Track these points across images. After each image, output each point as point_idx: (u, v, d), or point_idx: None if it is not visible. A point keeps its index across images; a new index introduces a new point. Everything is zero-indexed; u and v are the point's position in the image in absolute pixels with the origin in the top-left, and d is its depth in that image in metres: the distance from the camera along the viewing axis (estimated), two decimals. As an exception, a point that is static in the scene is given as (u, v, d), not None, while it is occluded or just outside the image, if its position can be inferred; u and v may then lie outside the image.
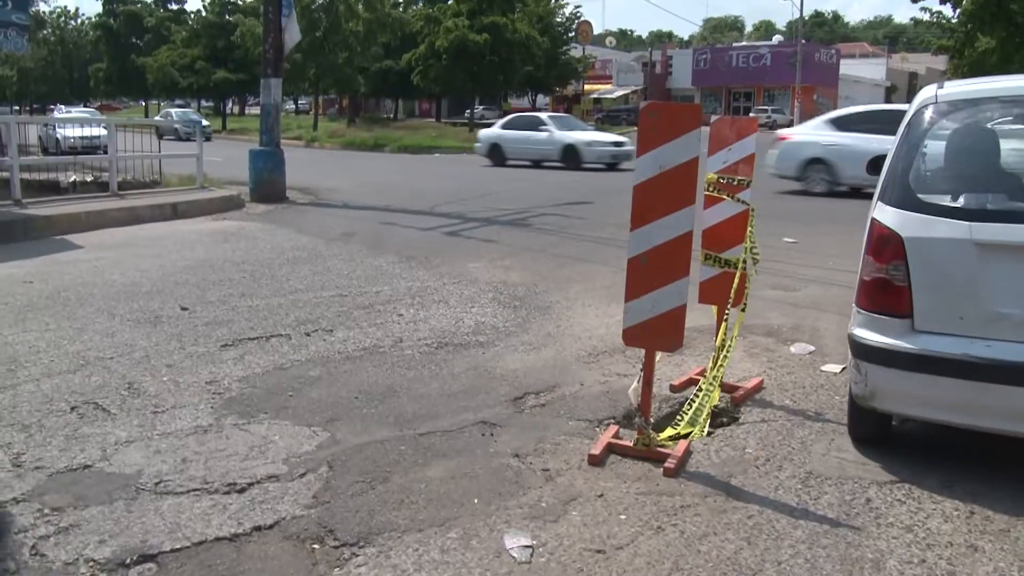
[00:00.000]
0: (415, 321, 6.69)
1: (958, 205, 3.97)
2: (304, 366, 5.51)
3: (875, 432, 4.35)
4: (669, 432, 4.27)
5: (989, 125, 4.37)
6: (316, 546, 3.32)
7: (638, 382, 4.23)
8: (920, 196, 4.01)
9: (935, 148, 4.26)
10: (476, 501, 3.70)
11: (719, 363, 4.51)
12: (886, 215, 4.00)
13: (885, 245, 3.95)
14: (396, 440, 4.36)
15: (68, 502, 3.60)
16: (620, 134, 29.99)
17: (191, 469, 3.95)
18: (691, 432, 4.19)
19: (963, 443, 4.36)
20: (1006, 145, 4.26)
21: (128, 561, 3.17)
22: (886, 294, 3.96)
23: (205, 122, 39.38)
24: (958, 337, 3.80)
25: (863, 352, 4.01)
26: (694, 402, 4.40)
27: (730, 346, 4.61)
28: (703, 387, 4.41)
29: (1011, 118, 4.60)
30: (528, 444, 4.33)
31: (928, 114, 4.22)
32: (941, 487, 3.88)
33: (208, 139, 26.83)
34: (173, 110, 54.44)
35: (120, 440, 4.25)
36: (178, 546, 3.28)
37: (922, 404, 3.96)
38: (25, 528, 3.38)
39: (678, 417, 4.42)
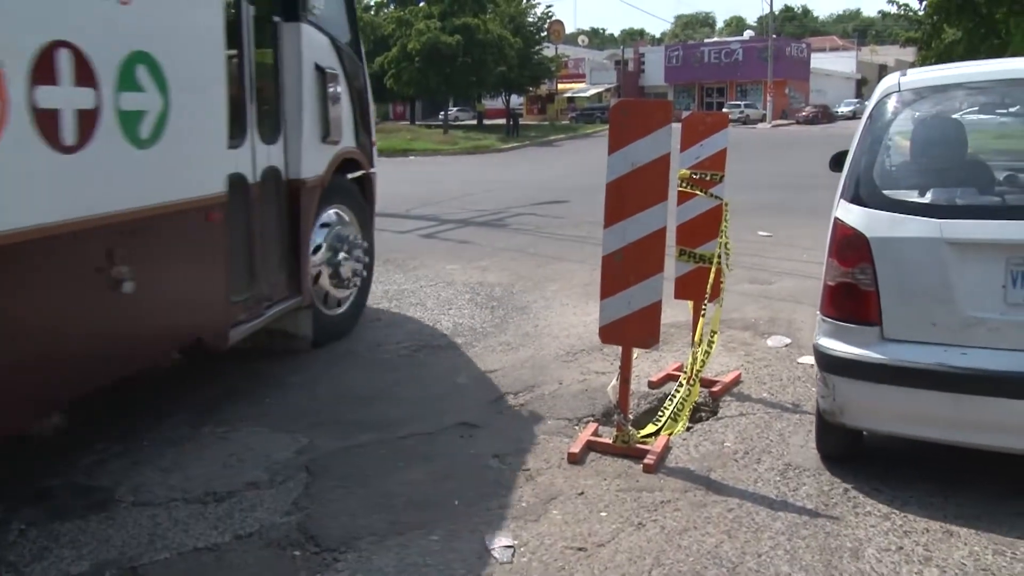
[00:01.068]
0: (393, 324, 6.68)
1: (927, 201, 3.69)
2: (282, 371, 5.49)
3: (844, 448, 4.07)
4: (650, 429, 4.29)
5: (957, 115, 4.18)
6: (297, 553, 3.31)
7: (615, 379, 4.24)
8: (886, 192, 3.75)
9: (901, 140, 4.03)
10: (457, 503, 3.70)
11: (700, 359, 4.53)
12: (850, 214, 3.75)
13: (850, 247, 3.68)
14: (375, 444, 4.35)
15: (44, 517, 3.57)
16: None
17: (170, 479, 3.92)
18: (671, 428, 4.21)
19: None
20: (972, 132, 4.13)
21: (107, 575, 3.15)
22: (852, 300, 3.68)
23: None
24: (931, 345, 3.53)
25: (829, 364, 3.74)
26: (674, 398, 4.42)
27: (711, 341, 4.64)
28: (683, 383, 4.43)
29: (977, 107, 4.50)
30: (508, 444, 4.33)
31: (891, 104, 3.98)
32: (917, 475, 3.91)
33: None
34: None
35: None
36: (158, 557, 3.26)
37: (894, 419, 3.70)
38: None
39: (659, 413, 4.44)
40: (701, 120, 5.14)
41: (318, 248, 5.77)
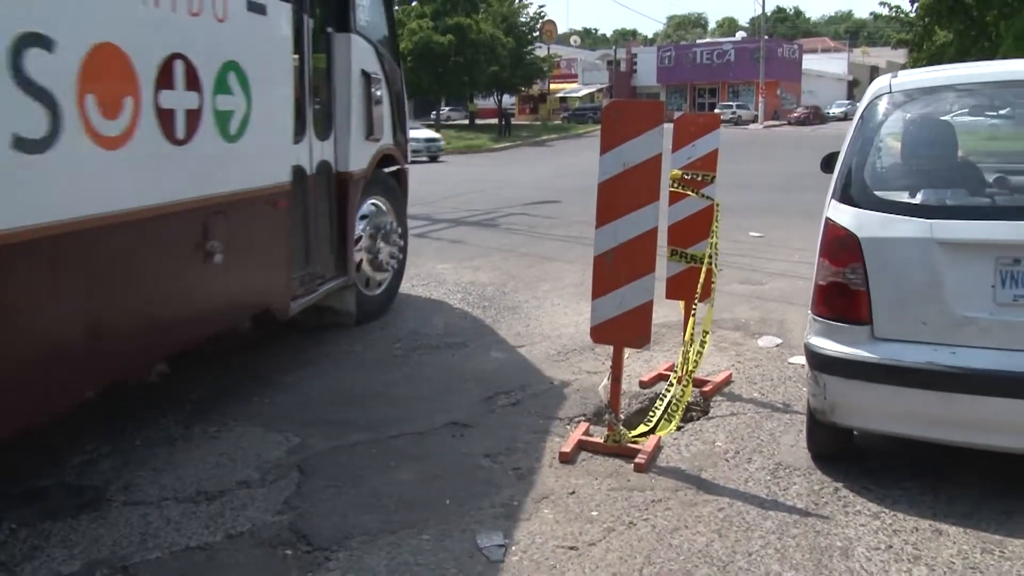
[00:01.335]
0: (384, 324, 6.67)
1: (917, 202, 3.73)
2: (274, 371, 5.49)
3: (835, 447, 4.09)
4: (642, 428, 4.30)
5: (947, 116, 4.23)
6: (289, 552, 3.31)
7: (607, 379, 4.25)
8: (877, 193, 3.79)
9: (892, 141, 4.07)
10: (448, 502, 3.71)
11: (692, 358, 4.55)
12: (841, 214, 3.77)
13: (841, 247, 3.71)
14: (367, 443, 4.35)
15: (35, 517, 3.56)
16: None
17: (162, 478, 3.92)
18: (663, 428, 4.23)
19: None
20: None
21: (99, 574, 3.14)
22: (843, 300, 3.71)
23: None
24: (921, 344, 3.56)
25: (820, 363, 3.76)
26: (666, 398, 4.43)
27: (703, 341, 4.65)
28: (675, 383, 4.44)
29: (967, 109, 4.53)
30: (499, 444, 4.34)
31: (882, 105, 4.01)
32: (907, 474, 3.93)
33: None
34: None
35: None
36: (149, 556, 3.26)
37: (885, 418, 3.72)
38: (-8, 543, 3.34)
39: (651, 413, 4.45)
40: (693, 121, 5.16)
41: (359, 235, 6.35)
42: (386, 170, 6.91)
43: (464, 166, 26.87)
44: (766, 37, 65.25)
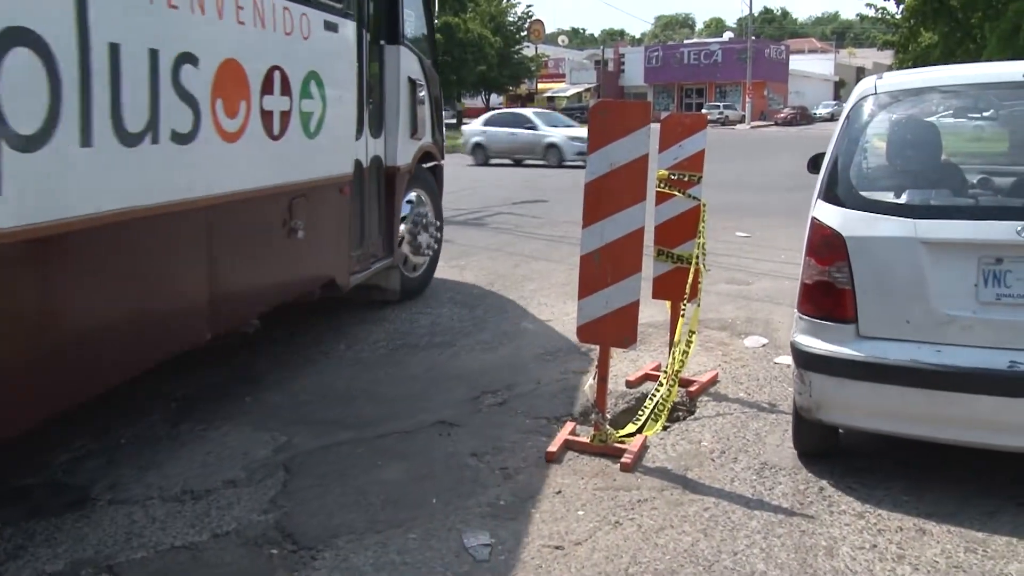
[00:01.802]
0: (371, 323, 6.67)
1: (902, 202, 3.78)
2: (260, 369, 5.47)
3: (821, 445, 4.13)
4: (630, 428, 4.31)
5: (932, 118, 4.28)
6: (274, 551, 3.30)
7: (593, 378, 4.26)
8: (862, 193, 3.84)
9: (876, 142, 4.11)
10: (435, 501, 3.71)
11: (678, 358, 4.56)
12: (827, 214, 3.82)
13: (826, 246, 3.75)
14: (353, 442, 4.35)
15: (20, 515, 3.54)
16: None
17: (147, 477, 3.91)
18: (650, 428, 4.23)
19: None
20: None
21: (83, 573, 3.13)
22: (829, 298, 3.75)
23: None
24: (905, 342, 3.60)
25: (806, 361, 3.79)
26: (653, 397, 4.44)
27: (689, 341, 4.66)
28: (663, 383, 4.45)
29: (952, 110, 4.56)
30: (486, 443, 4.34)
31: (868, 106, 4.05)
32: (891, 474, 3.95)
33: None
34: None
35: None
36: (134, 556, 3.25)
37: (870, 415, 3.76)
38: (-24, 542, 3.32)
39: (638, 413, 4.46)
40: (679, 121, 5.17)
41: (403, 222, 7.10)
42: (425, 165, 7.70)
43: (451, 165, 26.76)
44: (753, 38, 65.50)
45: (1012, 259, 3.48)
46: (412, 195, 7.30)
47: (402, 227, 7.06)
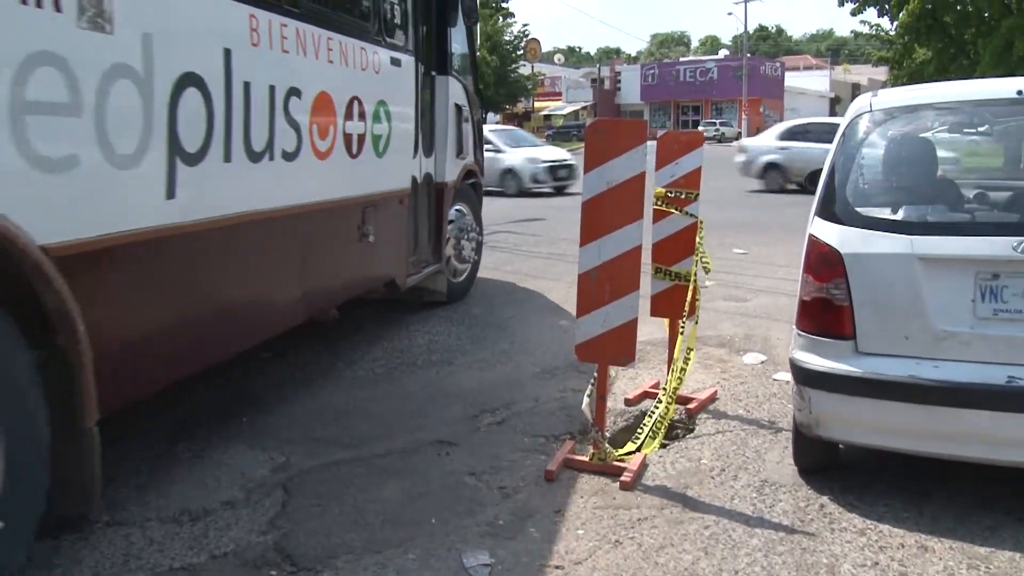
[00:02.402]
0: (368, 342, 6.66)
1: (898, 218, 3.83)
2: (258, 389, 5.46)
3: (821, 461, 4.14)
4: (629, 447, 4.30)
5: (927, 134, 4.32)
6: (273, 572, 3.29)
7: (589, 396, 4.25)
8: (859, 210, 3.86)
9: (872, 159, 4.13)
10: (433, 520, 3.69)
11: (676, 375, 4.55)
12: (824, 231, 3.84)
13: (824, 263, 3.77)
14: (351, 462, 4.33)
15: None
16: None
17: (145, 497, 3.89)
18: (648, 446, 4.22)
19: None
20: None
21: (80, 595, 3.11)
22: (827, 315, 3.76)
23: None
24: (903, 358, 3.61)
25: (805, 377, 3.81)
26: (651, 415, 4.44)
27: (687, 358, 4.66)
28: (661, 400, 4.45)
29: (947, 126, 4.59)
30: (484, 462, 4.33)
31: (863, 124, 4.08)
32: (892, 490, 3.95)
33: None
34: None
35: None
36: (131, 578, 3.23)
37: (869, 431, 3.77)
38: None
39: (637, 431, 4.45)
40: (676, 139, 5.19)
41: (449, 233, 7.82)
42: (468, 182, 8.45)
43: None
44: (748, 55, 65.74)
45: (1009, 274, 3.49)
46: (456, 208, 8.06)
47: (449, 237, 7.83)
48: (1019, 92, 3.84)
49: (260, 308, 4.81)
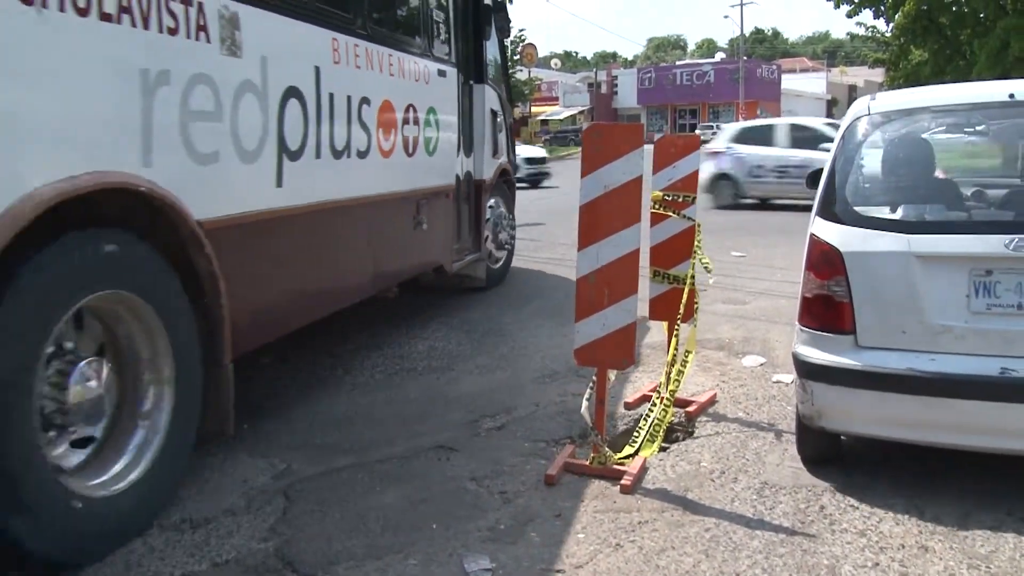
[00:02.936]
0: (368, 348, 6.66)
1: (896, 217, 3.98)
2: (258, 396, 5.46)
3: (825, 451, 4.27)
4: (628, 451, 4.30)
5: (924, 135, 4.43)
6: (274, 579, 3.29)
7: (589, 400, 4.25)
8: (858, 209, 3.99)
9: (871, 160, 4.25)
10: (434, 526, 3.69)
11: (673, 378, 4.56)
12: (825, 230, 3.98)
13: (825, 261, 3.91)
14: (352, 468, 4.34)
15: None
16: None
17: (144, 507, 3.89)
18: (645, 449, 4.22)
19: (911, 446, 4.44)
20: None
21: (81, 604, 3.11)
22: (828, 311, 3.90)
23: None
24: (901, 352, 3.75)
25: (807, 371, 3.95)
26: (649, 419, 4.44)
27: (685, 361, 4.67)
28: (657, 403, 4.45)
29: (944, 127, 4.71)
30: (484, 467, 4.33)
31: (862, 126, 4.22)
32: (892, 490, 3.95)
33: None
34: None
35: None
36: (133, 586, 3.23)
37: (869, 422, 3.91)
38: (-27, 575, 3.30)
39: (635, 434, 4.45)
40: (673, 142, 5.21)
41: (487, 224, 8.78)
42: (501, 179, 9.34)
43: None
44: (745, 58, 65.94)
45: (1001, 271, 3.64)
46: (493, 202, 9.00)
47: (487, 228, 8.77)
48: (1011, 95, 4.01)
49: (343, 277, 5.74)
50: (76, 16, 3.15)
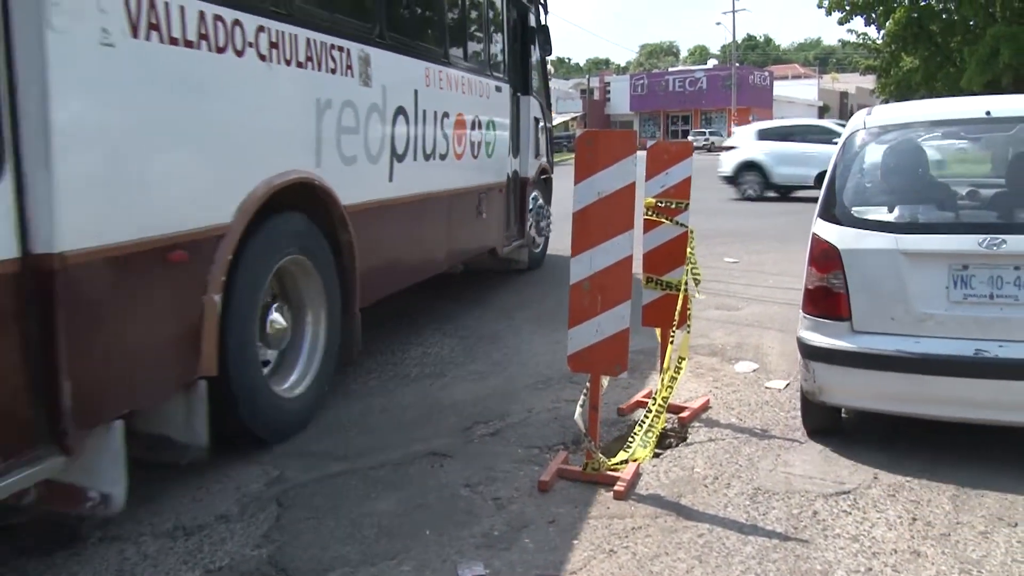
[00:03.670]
0: (361, 354, 6.65)
1: (887, 219, 4.53)
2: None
3: (827, 423, 4.76)
4: (621, 457, 4.31)
5: (916, 144, 4.86)
6: (268, 586, 3.28)
7: (582, 406, 4.26)
8: (854, 212, 4.56)
9: (867, 168, 4.77)
10: (428, 532, 3.69)
11: (666, 384, 4.57)
12: (824, 230, 4.53)
13: (824, 257, 4.46)
14: (346, 474, 4.34)
15: (11, 554, 3.51)
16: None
17: (138, 512, 3.88)
18: (637, 455, 4.23)
19: (905, 450, 4.47)
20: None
21: (74, 611, 3.11)
22: (827, 300, 4.44)
23: None
24: (891, 336, 4.30)
25: (810, 352, 4.49)
26: (643, 425, 4.45)
27: (679, 367, 4.68)
28: (652, 409, 4.46)
29: (930, 140, 5.19)
30: (478, 473, 4.33)
31: (859, 138, 4.82)
32: (885, 496, 3.97)
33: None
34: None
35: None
36: (126, 593, 3.22)
37: (863, 396, 4.47)
38: (-34, 583, 3.30)
39: (628, 440, 4.46)
40: (666, 149, 5.21)
41: (529, 214, 10.14)
42: (542, 177, 10.84)
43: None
44: (737, 64, 66.11)
45: (976, 266, 4.20)
46: (534, 196, 10.31)
47: (529, 218, 10.09)
48: (987, 112, 4.63)
49: (430, 252, 7.10)
50: (285, 67, 4.60)
